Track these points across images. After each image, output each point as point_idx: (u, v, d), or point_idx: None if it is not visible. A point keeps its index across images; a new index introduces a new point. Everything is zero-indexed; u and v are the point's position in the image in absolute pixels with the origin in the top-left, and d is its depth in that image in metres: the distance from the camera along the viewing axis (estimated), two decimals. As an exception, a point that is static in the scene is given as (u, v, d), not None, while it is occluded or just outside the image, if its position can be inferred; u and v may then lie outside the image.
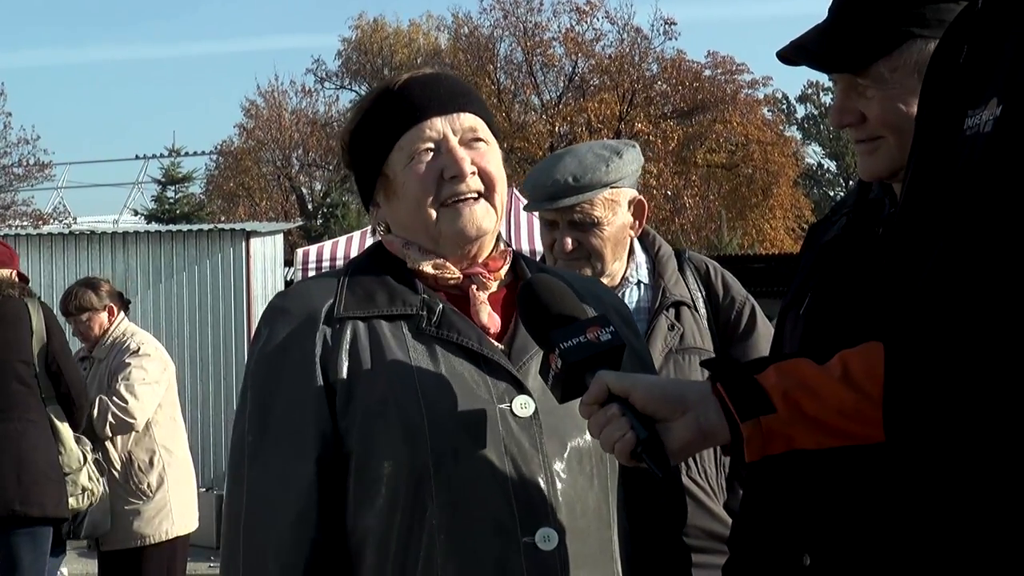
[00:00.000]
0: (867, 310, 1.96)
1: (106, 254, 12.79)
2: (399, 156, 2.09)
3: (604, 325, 1.87)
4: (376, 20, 37.10)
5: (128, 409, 6.10)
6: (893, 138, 2.00)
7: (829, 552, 1.97)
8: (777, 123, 38.29)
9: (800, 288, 2.18)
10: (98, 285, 6.48)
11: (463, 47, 35.56)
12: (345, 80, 37.34)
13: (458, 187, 2.07)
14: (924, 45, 1.97)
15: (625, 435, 1.78)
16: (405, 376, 1.99)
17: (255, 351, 2.08)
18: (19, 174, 33.10)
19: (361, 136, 2.15)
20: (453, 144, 2.08)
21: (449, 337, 2.03)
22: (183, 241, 12.89)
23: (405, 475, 1.96)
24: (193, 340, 12.02)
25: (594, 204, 3.15)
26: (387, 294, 2.07)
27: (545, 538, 1.96)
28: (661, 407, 1.79)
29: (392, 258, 2.13)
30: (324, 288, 2.09)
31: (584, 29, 34.30)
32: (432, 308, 2.05)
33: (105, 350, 6.33)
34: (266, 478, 2.01)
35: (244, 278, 12.72)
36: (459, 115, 2.10)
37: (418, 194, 2.08)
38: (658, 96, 34.52)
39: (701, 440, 1.80)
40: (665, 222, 32.88)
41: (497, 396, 2.00)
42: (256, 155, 36.43)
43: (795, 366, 1.78)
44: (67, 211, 35.26)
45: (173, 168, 34.83)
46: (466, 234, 2.09)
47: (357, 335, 2.03)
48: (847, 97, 2.03)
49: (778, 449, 1.77)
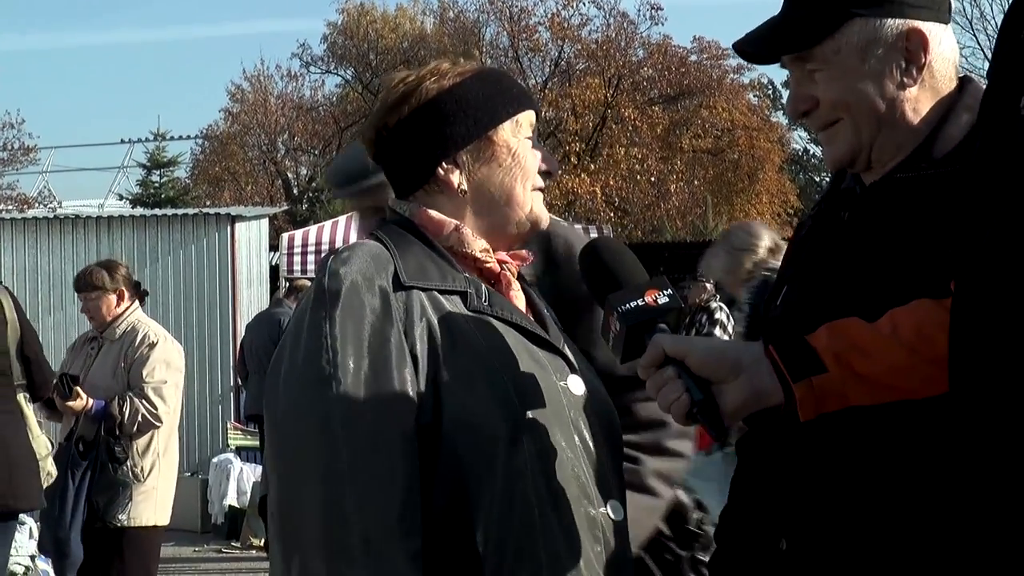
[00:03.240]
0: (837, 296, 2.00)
1: (91, 238, 12.78)
2: (513, 127, 2.14)
3: (662, 288, 1.93)
4: (362, 4, 36.94)
5: (157, 413, 6.20)
6: (848, 118, 2.02)
7: (805, 536, 1.99)
8: (763, 108, 38.23)
9: (779, 280, 2.23)
10: (114, 268, 6.50)
11: (449, 31, 35.45)
12: (331, 64, 37.18)
13: (543, 180, 2.19)
14: (865, 23, 1.99)
15: (680, 397, 1.85)
16: (481, 348, 2.00)
17: (324, 318, 1.97)
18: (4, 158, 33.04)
19: (474, 91, 2.12)
20: (536, 139, 2.19)
21: (502, 315, 2.07)
22: (168, 225, 12.88)
23: (502, 444, 1.95)
24: (178, 324, 12.01)
25: (388, 189, 3.00)
26: (437, 269, 2.07)
27: (615, 509, 2.05)
28: (716, 369, 1.86)
29: (422, 237, 2.11)
30: (382, 256, 2.04)
31: (570, 14, 34.21)
32: (478, 288, 2.08)
33: (116, 334, 6.35)
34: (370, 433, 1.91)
35: (229, 262, 12.72)
36: (533, 111, 2.20)
37: (525, 170, 2.14)
38: (644, 81, 34.46)
39: (755, 401, 1.86)
40: (651, 207, 32.89)
41: (556, 372, 2.06)
42: (241, 139, 36.28)
43: (846, 326, 1.85)
44: (52, 195, 35.16)
45: (158, 152, 34.69)
46: (542, 220, 2.18)
47: (424, 305, 2.01)
48: (799, 85, 2.05)
49: (833, 407, 1.84)
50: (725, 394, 1.86)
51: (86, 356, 6.43)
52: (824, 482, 1.97)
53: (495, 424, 1.95)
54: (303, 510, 1.91)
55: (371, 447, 1.90)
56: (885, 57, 2.01)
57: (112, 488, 6.10)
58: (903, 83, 2.01)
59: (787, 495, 2.02)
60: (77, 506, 6.05)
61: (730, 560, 2.16)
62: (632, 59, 34.22)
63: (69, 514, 6.03)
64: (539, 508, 1.96)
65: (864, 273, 1.98)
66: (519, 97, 2.17)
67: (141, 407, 6.16)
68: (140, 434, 6.22)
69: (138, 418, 6.15)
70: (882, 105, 2.01)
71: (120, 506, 6.13)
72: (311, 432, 1.92)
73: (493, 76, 2.20)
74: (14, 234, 12.75)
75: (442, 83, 2.11)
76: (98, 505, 6.09)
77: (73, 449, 6.13)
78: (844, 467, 1.95)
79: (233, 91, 37.14)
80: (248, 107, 36.44)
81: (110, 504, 6.10)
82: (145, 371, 6.23)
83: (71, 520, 6.04)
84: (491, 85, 2.15)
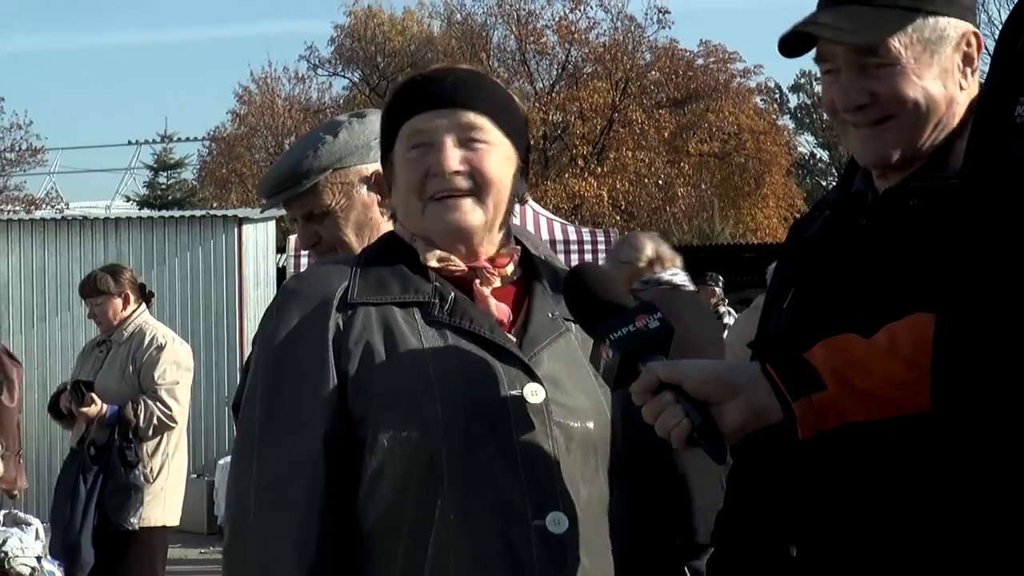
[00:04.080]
0: (851, 303, 1.99)
1: (98, 240, 12.76)
2: (400, 146, 2.13)
3: (651, 312, 1.92)
4: (369, 7, 36.96)
5: (172, 414, 6.23)
6: (904, 117, 2.00)
7: (816, 543, 1.98)
8: (770, 112, 38.22)
9: (783, 282, 2.19)
10: (119, 272, 6.54)
11: (456, 35, 35.45)
12: (338, 67, 37.18)
13: (442, 184, 2.10)
14: (936, 22, 1.99)
15: (680, 422, 1.83)
16: (418, 363, 2.02)
17: (267, 333, 2.10)
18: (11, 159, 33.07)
19: (382, 125, 2.20)
20: (442, 141, 2.10)
21: (461, 325, 2.06)
22: (175, 227, 12.86)
23: (418, 459, 1.98)
24: (185, 326, 11.98)
25: (319, 193, 2.88)
26: (400, 282, 2.10)
27: (555, 521, 2.00)
28: (713, 391, 1.85)
29: (405, 247, 2.16)
30: (338, 274, 2.11)
31: (578, 17, 34.19)
32: (444, 296, 2.08)
33: (124, 336, 6.37)
34: (277, 460, 2.02)
35: (236, 265, 12.70)
36: (460, 112, 2.11)
37: (407, 186, 2.13)
38: (651, 85, 34.43)
39: (755, 421, 1.85)
40: (657, 211, 32.87)
41: (508, 382, 2.03)
42: (249, 141, 36.30)
43: (842, 342, 1.84)
44: (59, 196, 35.26)
45: (165, 154, 34.75)
46: (449, 229, 2.11)
47: (369, 322, 2.05)
48: (855, 78, 2.02)
49: (831, 424, 1.83)
50: (724, 415, 1.84)
51: (95, 360, 6.45)
52: (838, 487, 1.95)
53: (413, 440, 1.99)
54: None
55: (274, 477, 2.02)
56: (951, 57, 2.02)
57: (124, 492, 6.09)
58: (960, 85, 2.02)
59: (796, 500, 2.00)
60: (88, 510, 6.04)
61: (734, 565, 2.14)
62: (639, 63, 34.19)
63: (80, 518, 6.02)
64: (452, 522, 1.97)
65: (884, 281, 1.96)
66: (415, 102, 2.13)
67: (156, 409, 6.18)
68: (155, 436, 6.23)
69: (153, 421, 6.17)
70: (942, 106, 2.01)
71: (132, 509, 6.12)
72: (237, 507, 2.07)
73: (409, 86, 2.18)
74: (21, 235, 12.74)
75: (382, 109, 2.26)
76: (109, 509, 6.08)
77: (85, 454, 6.12)
78: (858, 471, 1.94)
79: (240, 93, 37.21)
80: (255, 109, 36.46)
81: (121, 508, 6.09)
82: (156, 373, 6.25)
83: (82, 524, 6.03)
84: (403, 96, 2.16)
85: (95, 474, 6.07)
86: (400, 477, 1.99)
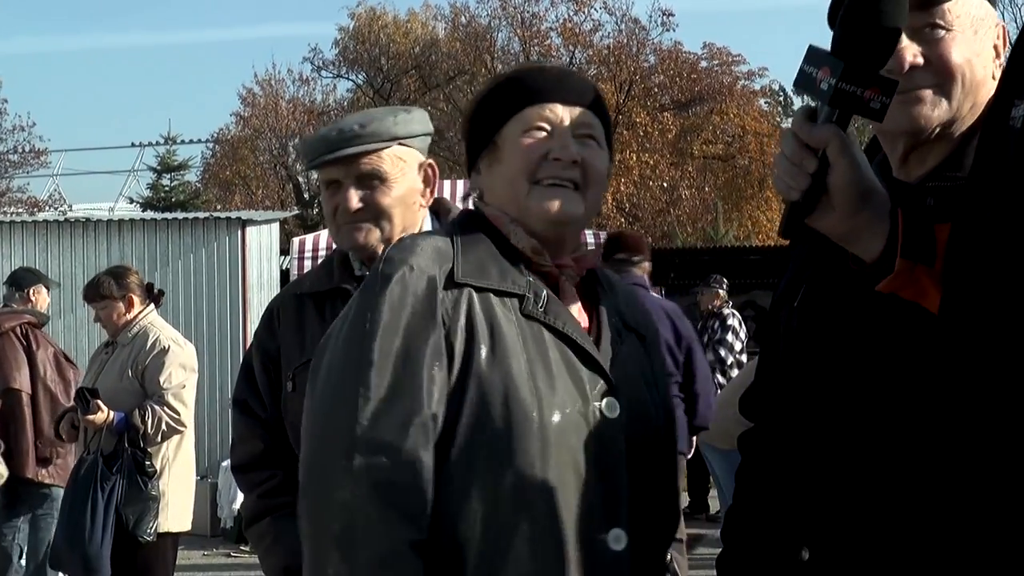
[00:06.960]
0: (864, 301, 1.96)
1: (101, 242, 12.77)
2: (514, 127, 2.15)
3: (887, 95, 1.81)
4: (373, 9, 36.98)
5: (179, 419, 6.16)
6: (949, 86, 1.98)
7: (828, 546, 1.96)
8: (774, 115, 38.20)
9: (793, 280, 2.16)
10: (123, 274, 6.46)
11: (460, 37, 35.48)
12: (342, 69, 37.19)
13: (558, 170, 2.12)
14: (981, 2, 2.00)
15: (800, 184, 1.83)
16: (517, 359, 2.02)
17: (370, 298, 2.05)
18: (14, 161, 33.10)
19: (485, 104, 2.22)
20: (566, 130, 2.14)
21: (555, 324, 2.07)
22: (179, 229, 12.87)
23: (506, 459, 1.99)
24: (188, 328, 11.98)
25: (382, 157, 2.94)
26: (498, 269, 2.10)
27: (616, 538, 2.02)
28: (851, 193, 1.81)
29: (493, 230, 2.16)
30: (442, 249, 2.10)
31: (582, 20, 34.21)
32: (538, 293, 2.09)
33: (128, 339, 6.30)
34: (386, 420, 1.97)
35: (240, 267, 12.70)
36: (581, 109, 2.17)
37: (520, 165, 2.14)
38: (655, 87, 34.45)
39: (850, 238, 1.84)
40: (661, 213, 32.86)
41: (592, 392, 2.05)
42: (252, 144, 36.31)
43: None
44: (63, 198, 35.23)
45: (169, 156, 34.72)
46: (550, 214, 2.12)
47: (473, 305, 2.05)
48: (910, 40, 1.99)
49: (908, 296, 1.80)
50: (828, 216, 1.83)
51: (100, 363, 6.40)
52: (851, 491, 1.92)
53: (499, 439, 1.99)
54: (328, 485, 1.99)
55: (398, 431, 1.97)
56: (989, 39, 2.01)
57: (142, 502, 5.97)
58: (992, 75, 2.01)
59: (810, 504, 1.98)
60: (107, 521, 5.88)
61: (744, 565, 2.13)
62: (643, 65, 34.20)
63: (100, 530, 5.86)
64: (523, 528, 1.97)
65: None
66: (540, 90, 2.18)
67: (163, 415, 6.10)
68: (163, 441, 6.17)
69: (162, 426, 6.09)
70: (981, 88, 2.00)
71: (149, 520, 5.99)
72: (340, 415, 1.99)
73: (527, 75, 2.23)
74: (24, 237, 12.75)
75: (478, 94, 2.26)
76: (127, 519, 5.93)
77: (102, 464, 5.97)
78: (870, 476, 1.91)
79: (244, 95, 37.21)
80: (259, 111, 36.47)
81: (141, 519, 5.97)
82: (162, 377, 6.18)
83: (103, 536, 5.86)
84: (520, 83, 2.21)
85: (112, 484, 5.92)
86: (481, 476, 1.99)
